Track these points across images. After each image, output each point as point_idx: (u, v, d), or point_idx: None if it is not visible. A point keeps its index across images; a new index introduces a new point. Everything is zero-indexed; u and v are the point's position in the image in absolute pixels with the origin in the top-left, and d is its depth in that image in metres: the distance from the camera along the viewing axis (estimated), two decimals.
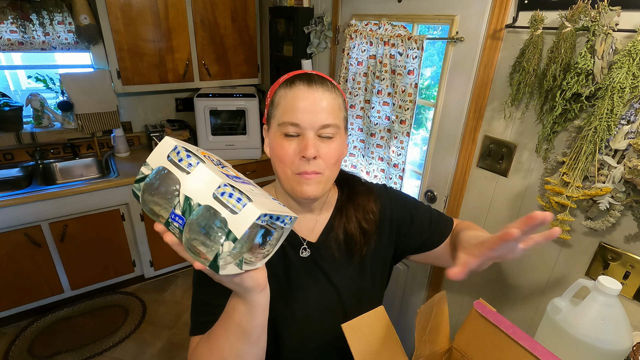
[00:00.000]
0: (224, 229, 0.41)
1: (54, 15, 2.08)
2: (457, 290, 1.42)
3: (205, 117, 2.28)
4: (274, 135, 0.67)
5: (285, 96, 0.66)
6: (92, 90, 2.16)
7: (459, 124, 1.28)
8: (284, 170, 0.67)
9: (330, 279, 0.75)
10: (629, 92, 0.80)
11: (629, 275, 0.90)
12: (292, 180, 0.67)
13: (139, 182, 0.44)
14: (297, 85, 0.65)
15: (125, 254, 2.31)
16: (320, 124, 0.64)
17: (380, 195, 0.82)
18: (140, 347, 2.02)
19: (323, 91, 0.65)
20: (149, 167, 0.44)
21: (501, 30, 1.08)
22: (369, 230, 0.76)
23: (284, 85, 0.67)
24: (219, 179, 0.42)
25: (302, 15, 1.92)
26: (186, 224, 0.42)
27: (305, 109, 0.63)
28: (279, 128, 0.66)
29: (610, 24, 0.81)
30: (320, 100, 0.64)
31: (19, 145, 2.19)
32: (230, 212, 0.41)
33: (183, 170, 0.43)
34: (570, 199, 0.93)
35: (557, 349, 0.76)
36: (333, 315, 0.75)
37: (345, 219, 0.76)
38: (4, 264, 1.92)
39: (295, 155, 0.65)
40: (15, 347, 1.98)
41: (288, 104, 0.65)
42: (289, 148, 0.65)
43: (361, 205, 0.77)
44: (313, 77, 0.66)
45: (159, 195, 0.43)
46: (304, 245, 0.75)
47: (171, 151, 0.44)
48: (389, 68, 1.43)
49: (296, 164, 0.65)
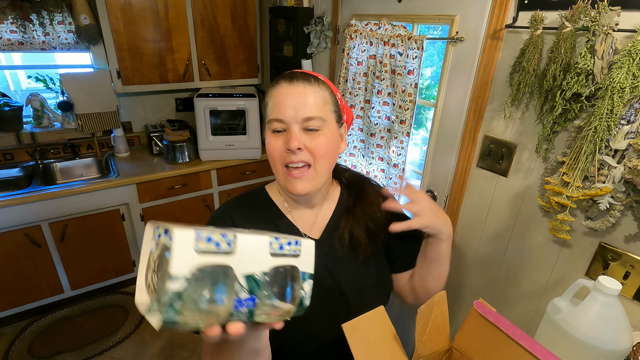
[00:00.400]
0: (299, 276, 0.41)
1: (54, 15, 2.08)
2: (457, 290, 1.42)
3: (205, 117, 2.28)
4: (266, 134, 0.71)
5: (271, 95, 0.69)
6: (92, 90, 2.16)
7: (459, 124, 1.28)
8: (275, 166, 0.70)
9: (333, 276, 0.75)
10: (629, 92, 0.80)
11: (629, 275, 0.90)
12: (283, 176, 0.70)
13: (172, 304, 0.33)
14: (280, 83, 0.69)
15: (125, 254, 2.31)
16: (302, 117, 0.66)
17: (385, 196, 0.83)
18: (140, 347, 2.02)
19: (304, 86, 0.68)
20: (179, 277, 0.34)
21: (501, 30, 1.08)
22: (375, 230, 0.77)
23: (271, 86, 0.71)
24: (265, 237, 0.39)
25: (302, 15, 1.92)
26: (259, 298, 0.39)
27: (287, 105, 0.66)
28: (268, 126, 0.70)
29: (610, 24, 0.81)
30: (302, 95, 0.67)
31: (19, 145, 2.19)
32: (294, 257, 0.41)
33: (226, 253, 0.37)
34: (570, 199, 0.93)
35: (557, 349, 0.76)
36: (335, 312, 0.75)
37: (352, 220, 0.77)
38: (4, 264, 1.92)
39: (282, 149, 0.68)
40: (15, 347, 1.98)
41: (274, 102, 0.68)
42: (276, 143, 0.68)
43: (369, 203, 0.79)
44: (295, 74, 0.70)
45: (210, 296, 0.36)
46: None
47: (197, 242, 0.35)
48: (389, 68, 1.43)
49: (283, 157, 0.68)
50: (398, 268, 0.83)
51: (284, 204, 0.79)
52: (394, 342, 0.61)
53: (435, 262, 0.75)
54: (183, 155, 2.33)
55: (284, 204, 0.79)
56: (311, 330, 0.74)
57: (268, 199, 0.79)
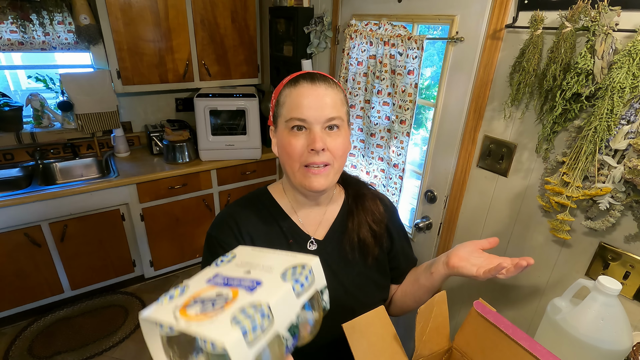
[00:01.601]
0: (319, 292, 0.45)
1: (54, 15, 2.08)
2: (457, 290, 1.41)
3: (205, 117, 2.28)
4: (281, 133, 0.70)
5: (290, 94, 0.68)
6: (92, 90, 2.16)
7: (459, 124, 1.28)
8: (292, 165, 0.69)
9: (337, 276, 0.76)
10: (629, 92, 0.80)
11: (629, 275, 0.90)
12: (300, 174, 0.69)
13: None
14: (301, 83, 0.68)
15: (125, 254, 2.31)
16: (325, 117, 0.67)
17: (383, 201, 0.86)
18: (140, 347, 2.02)
19: (326, 87, 0.68)
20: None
21: (501, 30, 1.08)
22: (379, 232, 0.80)
23: (289, 85, 0.70)
24: (287, 286, 0.41)
25: (302, 15, 1.92)
26: (298, 332, 0.43)
27: (310, 105, 0.66)
28: (287, 124, 0.68)
29: (610, 24, 0.81)
30: (324, 96, 0.67)
31: (19, 145, 2.19)
32: (312, 285, 0.44)
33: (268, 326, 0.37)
34: (570, 199, 0.93)
35: (557, 349, 0.76)
36: (340, 311, 0.75)
37: (357, 223, 0.78)
38: (4, 264, 1.92)
39: (303, 149, 0.67)
40: (15, 347, 1.98)
41: (293, 101, 0.67)
42: (297, 143, 0.67)
43: (369, 209, 0.80)
44: (315, 75, 0.70)
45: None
46: (312, 239, 0.77)
47: (246, 339, 0.35)
48: (389, 68, 1.43)
49: (305, 157, 0.68)
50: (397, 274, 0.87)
51: (289, 204, 0.79)
52: (394, 342, 0.61)
53: (426, 291, 0.79)
54: (183, 155, 2.33)
55: (289, 205, 0.79)
56: None
57: (272, 201, 0.79)
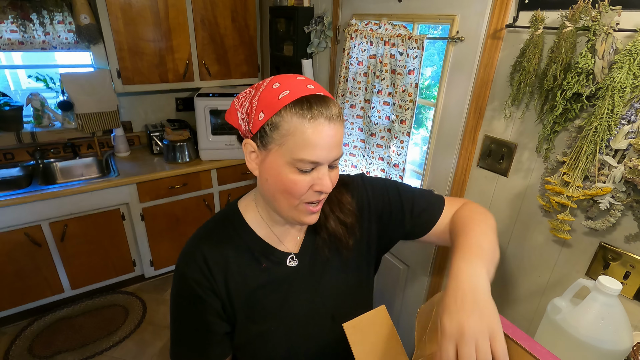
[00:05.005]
0: None
1: (54, 15, 2.08)
2: None
3: (205, 116, 2.28)
4: (280, 166, 0.61)
5: (302, 128, 0.58)
6: (92, 90, 2.16)
7: (459, 124, 1.28)
8: (290, 202, 0.64)
9: (318, 284, 0.75)
10: (630, 92, 0.80)
11: (629, 275, 0.90)
12: (299, 211, 0.65)
13: None
14: (319, 120, 0.58)
15: (125, 253, 2.31)
16: (334, 157, 0.62)
17: (354, 185, 0.80)
18: (140, 347, 2.02)
19: (340, 125, 0.62)
20: None
21: (501, 30, 1.08)
22: (350, 223, 0.76)
23: (299, 112, 0.58)
24: None
25: (302, 15, 1.92)
26: None
27: (324, 146, 0.60)
28: (292, 163, 0.60)
29: (611, 23, 0.81)
30: (336, 135, 0.61)
31: (19, 145, 2.20)
32: None
33: None
34: (570, 198, 0.93)
35: (557, 349, 0.76)
36: (321, 320, 0.75)
37: (323, 217, 0.74)
38: (4, 264, 1.92)
39: (307, 188, 0.62)
40: (15, 346, 1.98)
41: (308, 140, 0.58)
42: (302, 182, 0.61)
43: (334, 200, 0.75)
44: (331, 110, 0.60)
45: None
46: (292, 255, 0.74)
47: None
48: (389, 68, 1.43)
49: (307, 195, 0.63)
50: (421, 231, 0.80)
51: (264, 222, 0.73)
52: (395, 342, 0.61)
53: None
54: (183, 155, 2.33)
55: (263, 223, 0.73)
56: (300, 339, 0.73)
57: (242, 223, 0.72)
